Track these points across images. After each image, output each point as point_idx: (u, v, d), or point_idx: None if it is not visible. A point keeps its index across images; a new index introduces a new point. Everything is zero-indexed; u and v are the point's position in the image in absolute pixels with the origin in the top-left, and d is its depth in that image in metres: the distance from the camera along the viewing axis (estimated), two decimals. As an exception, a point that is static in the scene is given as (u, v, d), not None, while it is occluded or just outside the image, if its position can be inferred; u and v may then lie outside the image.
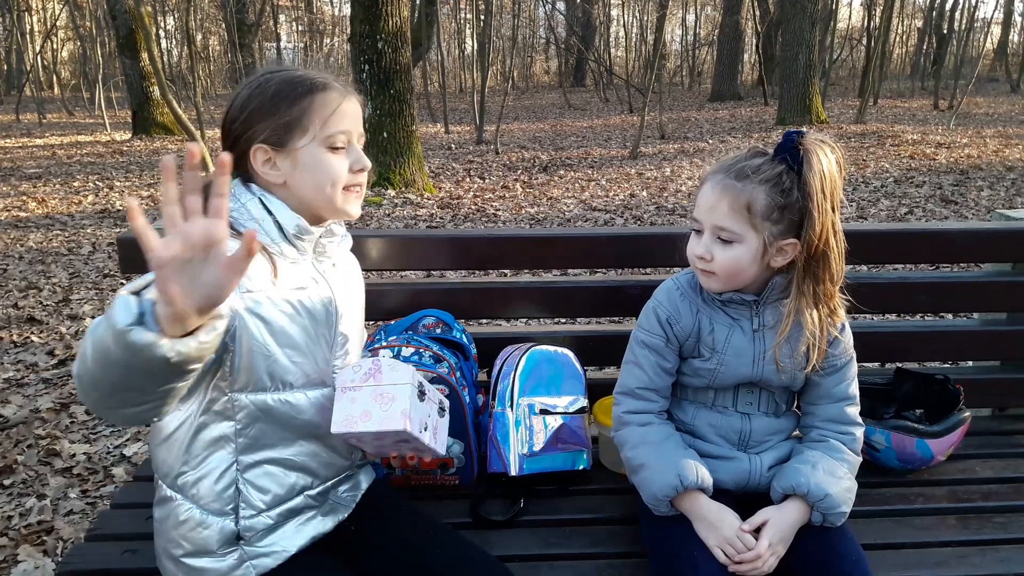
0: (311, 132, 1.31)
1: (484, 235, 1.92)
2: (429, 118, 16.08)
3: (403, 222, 6.70)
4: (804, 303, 1.43)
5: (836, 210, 1.39)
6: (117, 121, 15.99)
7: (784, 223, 1.39)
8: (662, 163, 9.87)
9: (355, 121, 1.38)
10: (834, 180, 1.37)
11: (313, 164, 1.33)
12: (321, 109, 1.32)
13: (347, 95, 1.36)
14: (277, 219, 1.32)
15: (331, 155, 1.34)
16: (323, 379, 1.38)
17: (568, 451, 1.74)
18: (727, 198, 1.39)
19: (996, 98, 18.31)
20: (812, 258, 1.39)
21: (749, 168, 1.40)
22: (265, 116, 1.31)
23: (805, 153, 1.36)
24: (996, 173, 8.43)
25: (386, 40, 7.61)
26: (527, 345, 1.80)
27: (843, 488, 1.44)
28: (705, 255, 1.43)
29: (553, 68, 29.82)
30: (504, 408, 1.71)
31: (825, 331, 1.46)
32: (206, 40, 25.48)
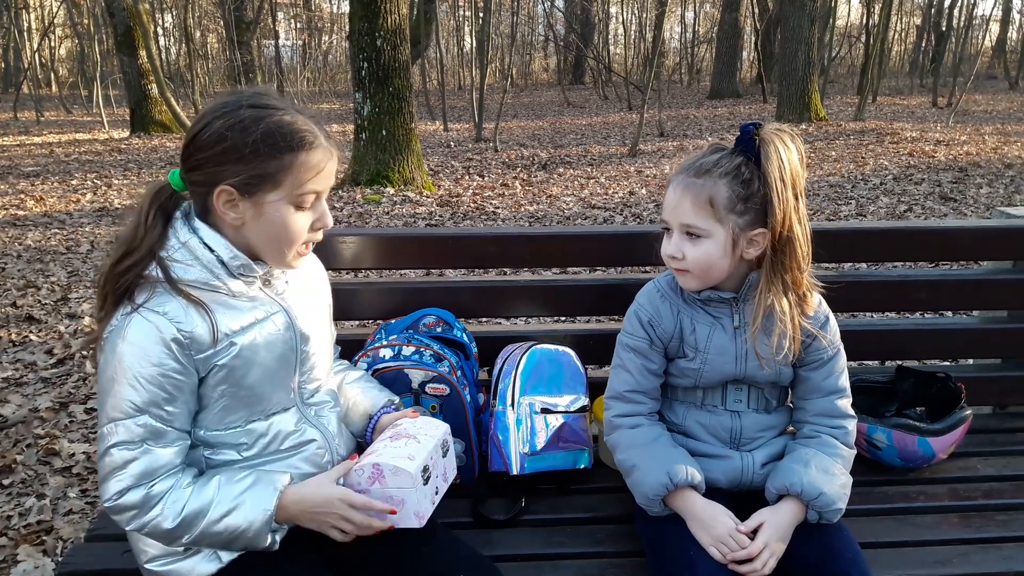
0: (284, 189, 1.25)
1: (485, 233, 1.92)
2: (428, 116, 16.06)
3: (402, 220, 6.70)
4: (774, 292, 1.43)
5: (799, 197, 1.40)
6: (115, 119, 15.97)
7: (750, 214, 1.40)
8: (661, 160, 9.86)
9: (330, 178, 1.31)
10: (794, 168, 1.38)
11: (277, 220, 1.27)
12: (300, 169, 1.25)
13: (331, 153, 1.30)
14: (219, 256, 1.27)
15: (297, 214, 1.28)
16: (286, 405, 1.39)
17: (569, 450, 1.74)
18: (689, 195, 1.42)
19: (995, 95, 18.32)
20: (778, 246, 1.40)
21: (708, 163, 1.42)
22: (240, 161, 1.23)
23: (762, 143, 1.37)
24: (995, 170, 8.42)
25: (385, 37, 7.60)
26: (528, 344, 1.80)
27: (838, 485, 1.44)
28: (676, 254, 1.45)
29: (552, 65, 29.79)
30: (505, 407, 1.70)
31: (796, 319, 1.46)
32: (204, 37, 25.45)
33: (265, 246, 1.30)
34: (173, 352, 1.22)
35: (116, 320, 1.24)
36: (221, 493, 1.26)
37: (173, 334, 1.22)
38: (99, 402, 1.25)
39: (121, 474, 1.23)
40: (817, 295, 1.52)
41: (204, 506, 1.25)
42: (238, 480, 1.28)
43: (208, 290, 1.27)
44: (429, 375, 1.70)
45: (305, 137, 1.26)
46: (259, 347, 1.31)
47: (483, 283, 1.96)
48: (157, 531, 1.25)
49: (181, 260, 1.26)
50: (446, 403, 1.71)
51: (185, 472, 1.28)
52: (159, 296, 1.24)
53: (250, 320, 1.31)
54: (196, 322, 1.24)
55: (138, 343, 1.21)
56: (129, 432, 1.22)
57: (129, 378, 1.21)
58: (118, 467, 1.23)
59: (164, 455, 1.25)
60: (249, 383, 1.31)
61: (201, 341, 1.24)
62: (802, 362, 1.53)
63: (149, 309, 1.22)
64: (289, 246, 1.30)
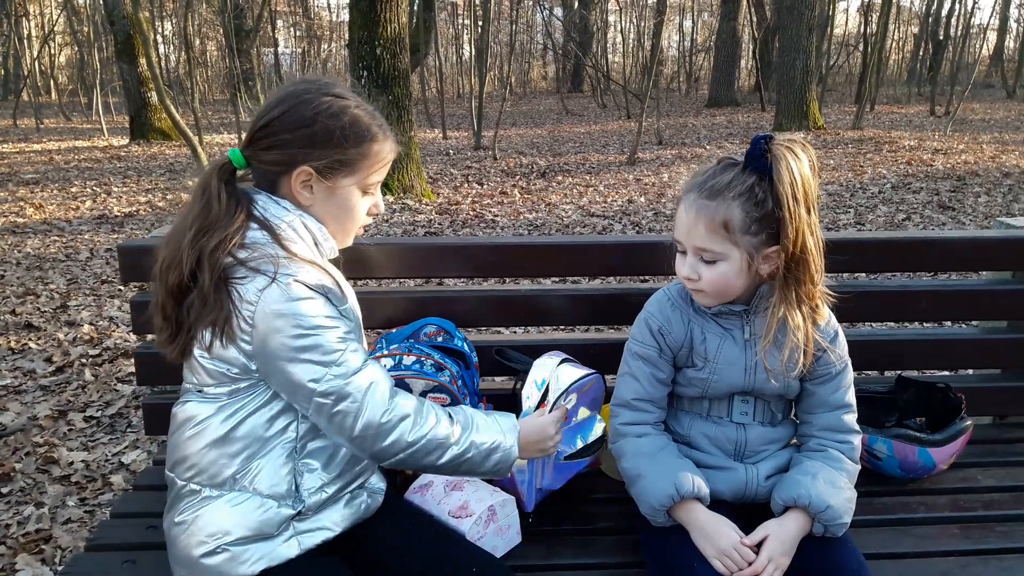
0: (358, 175, 1.38)
1: (485, 242, 1.92)
2: (427, 124, 16.09)
3: (401, 228, 6.70)
4: (787, 305, 1.43)
5: (812, 210, 1.38)
6: (115, 126, 15.98)
7: (764, 233, 1.39)
8: (660, 169, 9.88)
9: (388, 168, 1.45)
10: (806, 183, 1.36)
11: (345, 203, 1.39)
12: (374, 158, 1.38)
13: (394, 146, 1.43)
14: (314, 236, 1.37)
15: (363, 199, 1.42)
16: None
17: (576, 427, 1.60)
18: (703, 219, 1.40)
19: (992, 104, 18.38)
20: (792, 262, 1.39)
21: (720, 184, 1.39)
22: (327, 145, 1.33)
23: (773, 160, 1.35)
24: (993, 179, 8.45)
25: (384, 46, 7.62)
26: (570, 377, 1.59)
27: (844, 498, 1.44)
28: (691, 275, 1.44)
29: (551, 74, 29.87)
30: None
31: (810, 332, 1.46)
32: (204, 45, 25.50)
33: (330, 225, 1.40)
34: (331, 304, 1.30)
35: (258, 293, 1.24)
36: (471, 412, 1.38)
37: (326, 288, 1.29)
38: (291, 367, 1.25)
39: (377, 390, 1.28)
40: (827, 309, 1.51)
41: (469, 415, 1.36)
42: (469, 408, 1.41)
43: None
44: (430, 385, 1.70)
45: (381, 129, 1.40)
46: (355, 307, 1.42)
47: (484, 292, 1.96)
48: (434, 440, 1.30)
49: (291, 238, 1.33)
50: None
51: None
52: (289, 267, 1.27)
53: (346, 284, 1.41)
54: (327, 280, 1.32)
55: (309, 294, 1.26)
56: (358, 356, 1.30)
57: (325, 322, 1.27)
58: (372, 383, 1.28)
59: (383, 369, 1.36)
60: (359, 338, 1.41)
61: (338, 294, 1.32)
62: (810, 376, 1.53)
63: (289, 276, 1.26)
64: (352, 227, 1.44)
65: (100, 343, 4.13)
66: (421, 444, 1.29)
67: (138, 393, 3.47)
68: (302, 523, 1.34)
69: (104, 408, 3.37)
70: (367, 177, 1.39)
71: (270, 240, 1.30)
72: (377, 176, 1.41)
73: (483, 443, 1.34)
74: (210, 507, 1.31)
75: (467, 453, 1.32)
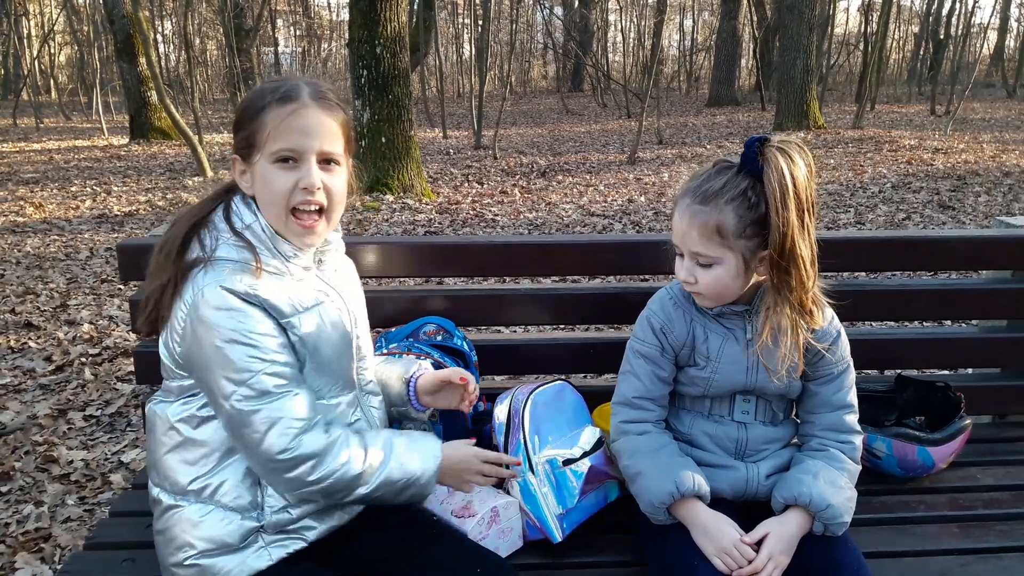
0: (264, 147, 1.29)
1: (485, 241, 1.92)
2: (427, 123, 16.09)
3: (401, 227, 6.70)
4: (780, 309, 1.42)
5: (807, 214, 1.36)
6: (114, 125, 15.99)
7: (760, 236, 1.38)
8: (660, 168, 9.88)
9: (311, 136, 1.29)
10: (800, 186, 1.33)
11: (263, 180, 1.30)
12: (271, 123, 1.28)
13: (305, 107, 1.29)
14: (270, 244, 1.32)
15: (277, 172, 1.29)
16: (348, 386, 1.43)
17: (598, 488, 1.63)
18: (696, 224, 1.39)
19: (992, 103, 18.37)
20: (781, 266, 1.37)
21: (713, 188, 1.39)
22: (239, 127, 1.32)
23: (765, 163, 1.33)
24: (993, 179, 8.44)
25: (384, 45, 7.62)
26: (523, 396, 1.62)
27: (844, 498, 1.44)
28: (688, 279, 1.45)
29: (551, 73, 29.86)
30: (524, 475, 1.56)
31: (801, 336, 1.45)
32: (204, 45, 25.48)
33: (268, 215, 1.32)
34: (270, 319, 1.27)
35: (193, 294, 1.26)
36: (397, 441, 1.36)
37: (262, 300, 1.27)
38: (208, 376, 1.25)
39: (282, 425, 1.24)
40: (829, 310, 1.51)
41: (386, 451, 1.33)
42: (397, 432, 1.39)
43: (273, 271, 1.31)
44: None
45: (278, 91, 1.29)
46: (325, 325, 1.35)
47: (483, 291, 1.96)
48: (342, 480, 1.27)
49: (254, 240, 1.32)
50: (445, 412, 1.71)
51: (336, 422, 1.36)
52: (223, 271, 1.27)
53: (315, 299, 1.35)
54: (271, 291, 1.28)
55: (227, 308, 1.25)
56: (269, 382, 1.25)
57: (238, 340, 1.24)
58: (275, 420, 1.23)
59: (309, 398, 1.30)
60: (321, 359, 1.35)
61: (278, 308, 1.28)
62: (812, 376, 1.53)
63: (218, 282, 1.26)
64: (279, 209, 1.30)
65: (100, 342, 4.13)
66: (325, 485, 1.27)
67: (137, 392, 3.47)
68: (271, 534, 1.33)
69: (104, 407, 3.37)
70: (269, 144, 1.28)
71: (232, 239, 1.30)
72: (280, 141, 1.27)
73: (397, 480, 1.32)
74: (179, 517, 1.31)
75: (376, 492, 1.31)
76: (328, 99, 1.33)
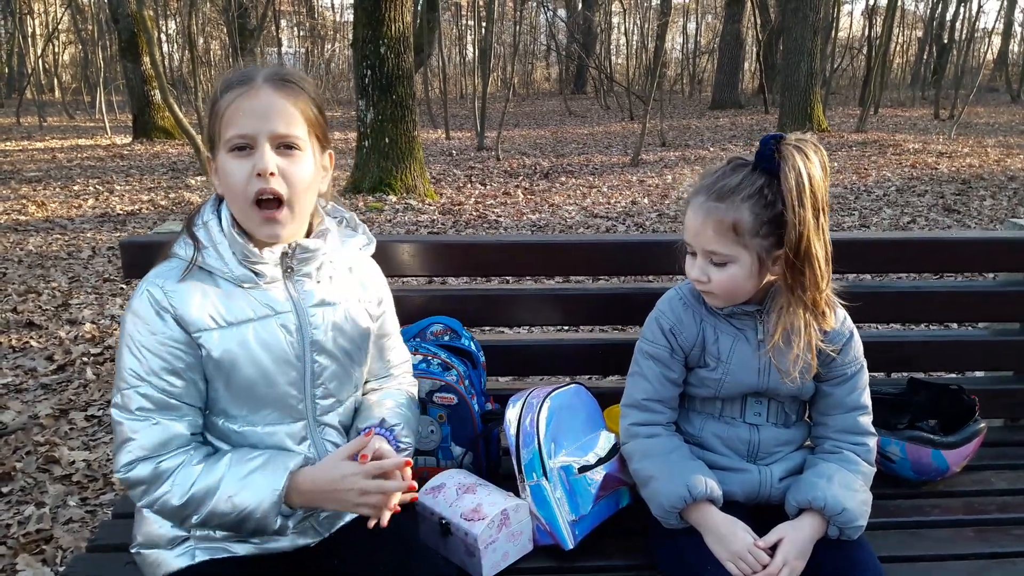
0: (222, 136, 1.24)
1: (491, 241, 1.90)
2: (430, 124, 16.08)
3: (404, 228, 6.68)
4: (793, 310, 1.40)
5: (822, 213, 1.34)
6: (118, 125, 15.99)
7: (774, 235, 1.36)
8: (663, 170, 9.86)
9: (262, 118, 1.22)
10: (815, 185, 1.32)
11: (222, 173, 1.25)
12: (222, 112, 1.24)
13: (257, 89, 1.23)
14: (219, 250, 1.27)
15: (231, 160, 1.23)
16: (289, 415, 1.33)
17: (610, 494, 1.60)
18: (711, 222, 1.37)
19: (996, 108, 18.35)
20: (796, 265, 1.35)
21: (729, 186, 1.37)
22: (208, 125, 1.28)
23: (781, 161, 1.32)
24: (998, 183, 8.42)
25: (388, 45, 7.60)
26: (538, 400, 1.58)
27: (859, 501, 1.42)
28: (701, 277, 1.42)
29: (554, 75, 29.87)
30: (539, 480, 1.51)
31: (814, 338, 1.43)
32: (207, 44, 25.51)
33: (234, 211, 1.27)
34: (179, 329, 1.23)
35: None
36: (231, 472, 1.24)
37: (168, 307, 1.23)
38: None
39: (130, 445, 1.22)
40: (841, 310, 1.49)
41: (213, 485, 1.22)
42: (250, 459, 1.26)
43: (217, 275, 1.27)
44: (437, 384, 1.68)
45: (233, 78, 1.25)
46: (251, 345, 1.26)
47: (490, 291, 1.93)
48: (166, 508, 1.23)
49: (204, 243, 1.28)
50: (453, 413, 1.69)
51: (198, 450, 1.27)
52: (152, 272, 1.28)
53: (247, 315, 1.27)
54: (192, 301, 1.24)
55: (140, 312, 1.23)
56: (136, 401, 1.22)
57: (133, 347, 1.23)
58: (127, 438, 1.22)
59: (174, 428, 1.24)
60: (240, 381, 1.27)
61: (190, 320, 1.24)
62: (825, 377, 1.51)
63: (145, 283, 1.25)
64: (239, 201, 1.24)
65: (102, 341, 4.11)
66: (155, 509, 1.25)
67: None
68: (198, 542, 1.31)
69: (105, 407, 3.35)
70: (223, 134, 1.23)
71: (185, 235, 1.29)
72: (231, 129, 1.22)
73: (227, 513, 1.22)
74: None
75: (210, 522, 1.24)
76: (286, 80, 1.26)
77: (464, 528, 1.46)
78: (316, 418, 1.36)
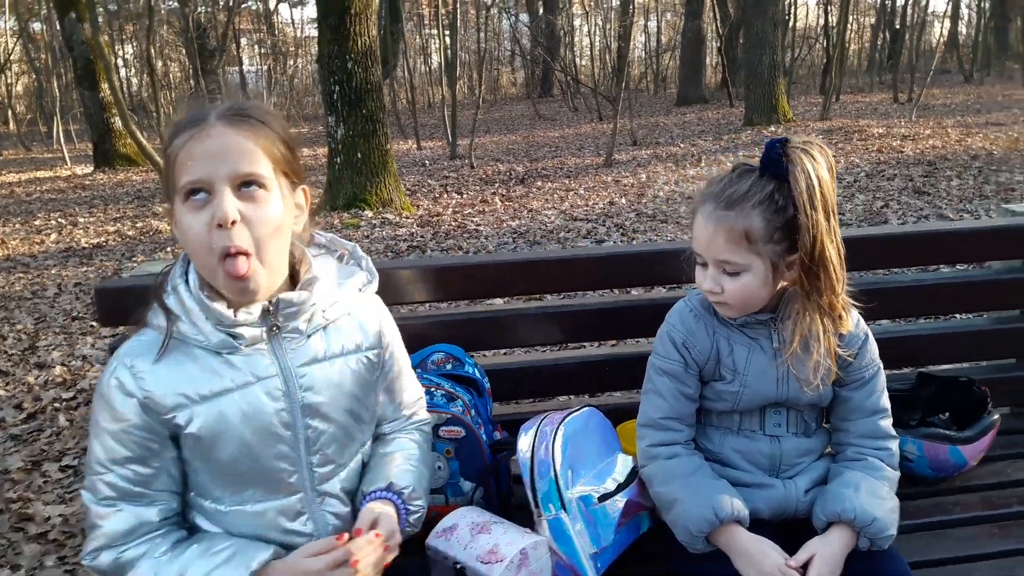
0: (176, 185, 1.12)
1: (488, 262, 1.83)
2: (399, 134, 15.97)
3: (383, 243, 6.60)
4: (811, 315, 1.37)
5: (832, 216, 1.33)
6: (77, 154, 15.68)
7: (787, 241, 1.34)
8: (637, 169, 9.86)
9: (217, 159, 1.10)
10: (824, 186, 1.31)
11: (181, 225, 1.12)
12: (174, 161, 1.12)
13: (208, 128, 1.11)
14: (193, 315, 1.15)
15: (188, 211, 1.10)
16: (279, 490, 1.23)
17: (630, 521, 1.53)
18: (723, 231, 1.34)
19: (951, 89, 18.60)
20: (811, 270, 1.33)
21: (738, 193, 1.34)
22: (163, 175, 1.18)
23: (790, 164, 1.30)
24: (962, 162, 8.52)
25: (356, 60, 7.53)
26: (551, 427, 1.50)
27: (888, 509, 1.38)
28: (714, 288, 1.39)
29: (520, 79, 29.87)
30: (557, 512, 1.43)
31: (832, 343, 1.40)
32: (167, 67, 25.18)
33: (199, 270, 1.16)
34: (135, 410, 1.15)
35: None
36: (195, 568, 1.15)
37: (135, 391, 1.15)
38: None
39: (96, 533, 1.17)
40: (855, 313, 1.46)
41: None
42: (215, 551, 1.17)
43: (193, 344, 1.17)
44: (442, 417, 1.60)
45: (177, 124, 1.13)
46: (230, 418, 1.16)
47: (491, 313, 1.87)
48: None
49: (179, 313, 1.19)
50: (462, 446, 1.61)
51: (166, 537, 1.19)
52: (120, 351, 1.19)
53: (224, 385, 1.16)
54: (165, 380, 1.15)
55: (106, 397, 1.16)
56: (101, 490, 1.17)
57: (98, 432, 1.17)
58: (93, 524, 1.16)
59: (141, 514, 1.17)
60: (220, 459, 1.18)
61: (161, 402, 1.15)
62: (843, 382, 1.47)
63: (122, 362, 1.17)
64: (201, 257, 1.12)
65: (74, 384, 3.97)
66: None
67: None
68: None
69: (81, 455, 3.21)
70: (178, 182, 1.11)
71: (156, 306, 1.19)
72: (184, 175, 1.10)
73: None
74: None
75: None
76: (243, 115, 1.13)
77: (481, 572, 1.39)
78: (315, 488, 1.26)
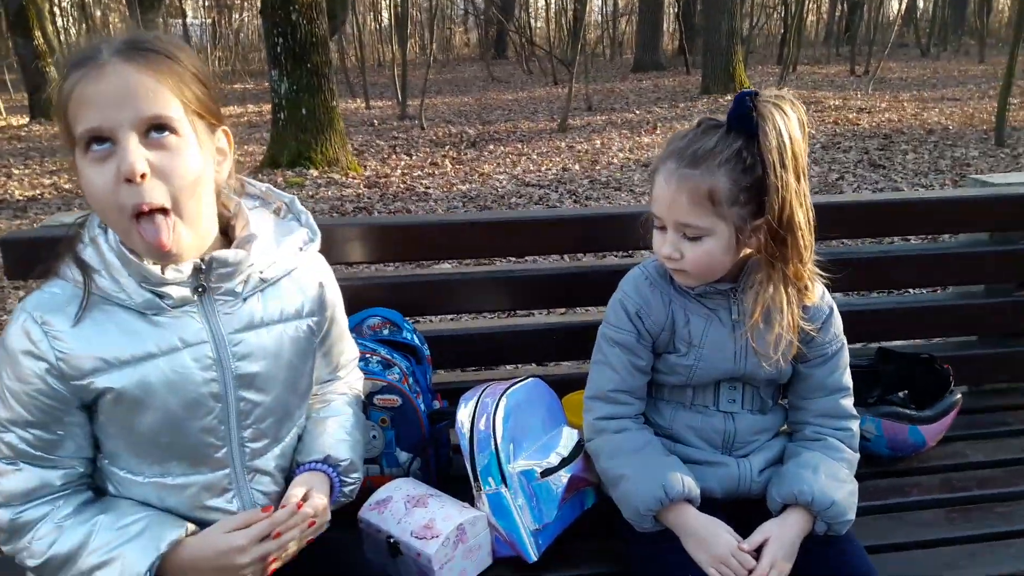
0: (75, 138, 0.97)
1: (434, 221, 1.70)
2: (348, 93, 15.53)
3: (329, 204, 6.38)
4: (775, 285, 1.27)
5: (802, 177, 1.22)
6: (12, 105, 14.96)
7: (754, 203, 1.22)
8: (591, 135, 9.73)
9: (119, 102, 0.95)
10: (796, 145, 1.19)
11: (83, 182, 0.98)
12: (69, 105, 0.96)
13: (104, 66, 0.94)
14: (112, 268, 1.03)
15: (89, 163, 0.96)
16: (204, 464, 1.11)
17: (574, 497, 1.47)
18: (685, 191, 1.22)
19: (908, 63, 18.82)
20: (778, 236, 1.22)
21: (703, 150, 1.22)
22: (57, 121, 1.00)
23: (760, 119, 1.18)
24: (918, 136, 8.59)
25: (300, 11, 7.22)
26: (492, 399, 1.42)
27: (847, 492, 1.30)
28: (673, 254, 1.27)
29: (474, 40, 29.36)
30: (497, 487, 1.36)
31: (796, 315, 1.31)
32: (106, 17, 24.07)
33: (112, 228, 1.02)
34: (42, 374, 1.01)
35: None
36: (98, 538, 1.03)
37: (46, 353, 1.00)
38: None
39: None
40: (820, 285, 1.36)
41: (74, 550, 1.03)
42: (124, 525, 1.05)
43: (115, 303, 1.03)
44: (378, 385, 1.50)
45: (75, 57, 0.97)
46: (154, 386, 1.03)
47: (433, 276, 1.74)
48: (25, 566, 1.05)
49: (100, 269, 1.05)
50: (397, 415, 1.52)
51: (69, 499, 1.06)
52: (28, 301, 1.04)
53: (148, 349, 1.03)
54: (80, 341, 1.01)
55: (11, 353, 1.01)
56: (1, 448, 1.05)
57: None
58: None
59: (42, 476, 1.04)
60: (140, 429, 1.05)
61: (76, 365, 1.01)
62: (805, 358, 1.38)
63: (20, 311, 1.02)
64: (110, 216, 0.99)
65: None
66: (18, 562, 1.06)
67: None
68: None
69: None
70: (73, 129, 0.96)
71: (70, 258, 1.05)
72: (81, 124, 0.95)
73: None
74: None
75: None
76: (143, 48, 0.97)
77: (416, 548, 1.30)
78: (245, 464, 1.14)
